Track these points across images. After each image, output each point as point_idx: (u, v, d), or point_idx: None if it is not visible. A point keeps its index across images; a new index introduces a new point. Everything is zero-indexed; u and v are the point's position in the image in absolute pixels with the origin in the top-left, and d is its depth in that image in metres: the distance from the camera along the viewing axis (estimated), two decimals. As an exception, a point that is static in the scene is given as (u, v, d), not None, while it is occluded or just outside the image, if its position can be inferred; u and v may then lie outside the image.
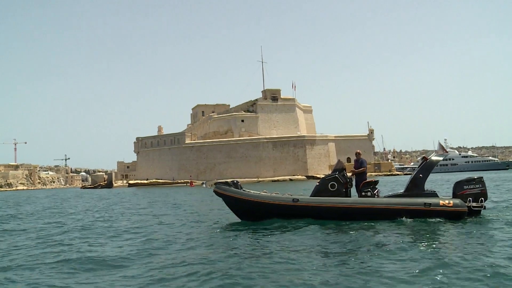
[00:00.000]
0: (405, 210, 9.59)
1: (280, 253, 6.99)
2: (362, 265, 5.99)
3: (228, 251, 7.39)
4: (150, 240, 9.11)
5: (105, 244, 8.93)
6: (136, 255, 7.49)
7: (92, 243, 9.10)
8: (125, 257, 7.37)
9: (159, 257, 7.26)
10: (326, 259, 6.56)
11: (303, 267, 6.03)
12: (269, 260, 6.56)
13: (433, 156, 10.12)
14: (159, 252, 7.76)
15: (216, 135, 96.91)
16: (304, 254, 6.93)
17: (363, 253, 6.77)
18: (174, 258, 7.12)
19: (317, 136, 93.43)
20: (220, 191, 11.12)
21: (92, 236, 10.26)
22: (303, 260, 6.46)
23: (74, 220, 15.06)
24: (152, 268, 6.42)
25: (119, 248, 8.36)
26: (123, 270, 6.46)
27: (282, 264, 6.24)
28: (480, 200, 9.62)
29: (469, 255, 6.26)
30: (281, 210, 10.46)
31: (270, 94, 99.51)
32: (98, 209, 21.29)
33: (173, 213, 15.92)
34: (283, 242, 8.04)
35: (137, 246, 8.42)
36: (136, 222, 13.35)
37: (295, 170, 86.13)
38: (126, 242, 9.15)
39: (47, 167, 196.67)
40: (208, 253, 7.32)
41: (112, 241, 9.35)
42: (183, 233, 9.95)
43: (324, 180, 10.70)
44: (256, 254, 7.10)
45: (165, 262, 6.83)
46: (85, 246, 8.69)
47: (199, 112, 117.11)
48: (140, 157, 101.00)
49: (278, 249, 7.39)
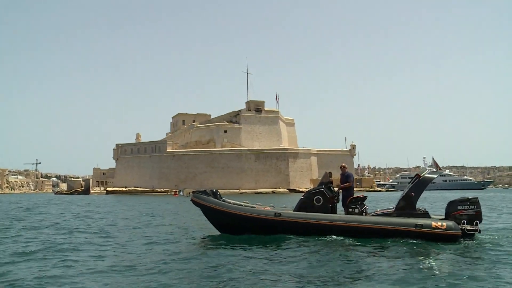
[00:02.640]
0: (394, 230, 8.94)
1: (258, 275, 6.30)
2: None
3: (202, 271, 6.61)
4: (117, 256, 8.26)
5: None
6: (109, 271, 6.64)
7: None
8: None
9: (128, 273, 6.44)
10: (306, 281, 5.93)
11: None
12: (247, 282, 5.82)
13: (427, 173, 9.54)
14: (127, 269, 6.93)
15: (198, 144, 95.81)
16: (283, 277, 6.25)
17: (344, 277, 6.14)
18: (144, 276, 6.31)
19: (299, 149, 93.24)
20: (198, 200, 10.37)
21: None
22: (281, 284, 5.82)
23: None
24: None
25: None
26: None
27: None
28: (474, 222, 9.01)
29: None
30: (262, 224, 9.74)
31: (254, 106, 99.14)
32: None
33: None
34: (262, 262, 7.32)
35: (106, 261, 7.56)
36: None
37: (277, 183, 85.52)
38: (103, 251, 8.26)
39: (16, 171, 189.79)
40: (181, 275, 6.54)
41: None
42: (156, 249, 9.10)
43: (309, 194, 10.04)
44: (233, 276, 6.34)
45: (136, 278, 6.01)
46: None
47: (180, 121, 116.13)
48: (119, 164, 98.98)
49: (258, 270, 6.67)
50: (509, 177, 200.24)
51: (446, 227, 8.74)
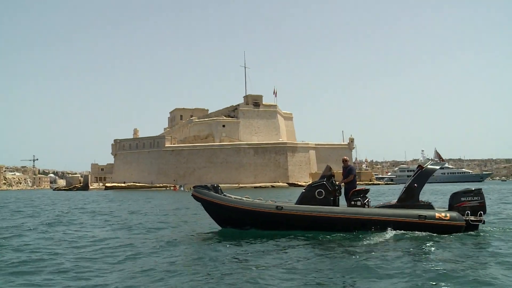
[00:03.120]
0: (398, 222, 8.87)
1: (261, 271, 6.21)
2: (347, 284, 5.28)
3: (203, 267, 6.53)
4: (118, 249, 8.17)
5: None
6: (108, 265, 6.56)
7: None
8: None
9: (130, 268, 6.36)
10: (311, 275, 5.86)
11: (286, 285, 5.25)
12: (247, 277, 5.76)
13: (430, 164, 9.45)
14: (128, 264, 6.84)
15: (196, 139, 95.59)
16: (287, 270, 6.18)
17: (349, 270, 6.07)
18: (143, 267, 6.23)
19: (298, 143, 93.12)
20: (198, 195, 10.29)
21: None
22: (285, 277, 5.76)
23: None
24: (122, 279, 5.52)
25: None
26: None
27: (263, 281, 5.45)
28: (479, 213, 8.94)
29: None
30: (264, 218, 9.66)
31: (252, 100, 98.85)
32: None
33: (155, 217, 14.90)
34: (264, 256, 7.25)
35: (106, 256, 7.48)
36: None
37: (276, 177, 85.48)
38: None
39: (14, 168, 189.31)
40: (182, 268, 6.46)
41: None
42: (156, 242, 9.02)
43: (311, 187, 9.94)
44: (235, 271, 6.26)
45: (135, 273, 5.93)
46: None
47: (177, 115, 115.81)
48: (118, 160, 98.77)
49: (260, 265, 6.61)
50: (506, 169, 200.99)
51: (450, 218, 8.68)
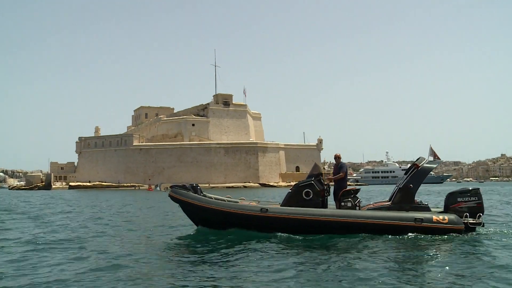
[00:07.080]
0: (392, 225, 8.32)
1: (243, 274, 5.72)
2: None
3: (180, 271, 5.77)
4: (89, 253, 7.26)
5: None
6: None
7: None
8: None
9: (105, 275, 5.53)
10: (296, 280, 5.41)
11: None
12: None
13: (426, 163, 8.96)
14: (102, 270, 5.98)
15: (165, 138, 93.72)
16: (272, 275, 5.68)
17: (338, 276, 5.56)
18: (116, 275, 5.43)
19: (268, 143, 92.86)
20: (176, 196, 9.47)
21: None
22: (270, 283, 5.29)
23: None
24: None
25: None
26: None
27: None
28: (477, 215, 8.49)
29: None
30: (247, 220, 8.94)
31: (222, 99, 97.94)
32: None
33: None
34: (246, 261, 6.69)
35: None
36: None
37: (246, 177, 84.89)
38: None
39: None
40: (158, 272, 5.71)
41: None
42: (131, 245, 8.13)
43: (298, 187, 9.26)
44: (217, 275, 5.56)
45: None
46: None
47: (142, 114, 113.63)
48: (82, 158, 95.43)
49: (243, 268, 6.05)
50: (456, 171, 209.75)
51: (448, 221, 8.20)
